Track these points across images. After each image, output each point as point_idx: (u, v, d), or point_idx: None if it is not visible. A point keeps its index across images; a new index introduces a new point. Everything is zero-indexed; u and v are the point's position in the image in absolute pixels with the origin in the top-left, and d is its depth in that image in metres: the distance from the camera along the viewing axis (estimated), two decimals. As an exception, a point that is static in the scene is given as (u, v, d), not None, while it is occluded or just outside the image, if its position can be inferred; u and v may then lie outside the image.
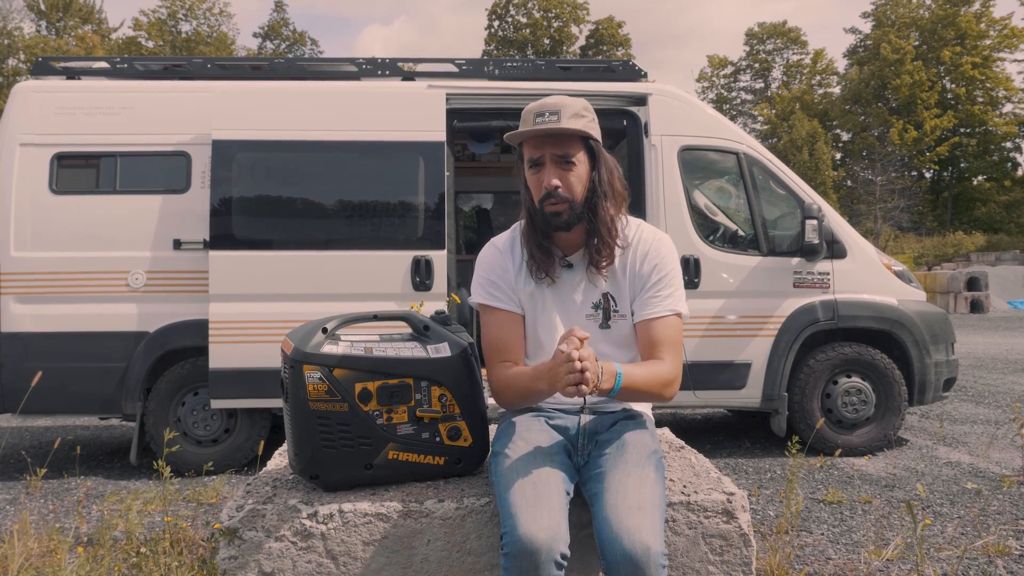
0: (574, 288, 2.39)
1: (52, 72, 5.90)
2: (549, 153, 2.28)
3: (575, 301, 2.38)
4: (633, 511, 1.89)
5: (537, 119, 2.25)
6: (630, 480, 2.01)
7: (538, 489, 1.96)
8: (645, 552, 1.81)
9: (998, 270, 30.43)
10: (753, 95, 65.21)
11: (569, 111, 2.25)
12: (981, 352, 13.47)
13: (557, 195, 2.27)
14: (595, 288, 2.38)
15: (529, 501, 1.92)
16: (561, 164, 2.28)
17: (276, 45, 61.03)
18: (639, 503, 1.92)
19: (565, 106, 2.26)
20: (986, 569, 3.58)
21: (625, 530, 1.83)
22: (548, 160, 2.28)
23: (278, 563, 2.21)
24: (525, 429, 2.25)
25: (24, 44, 45.65)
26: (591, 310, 2.38)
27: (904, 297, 6.10)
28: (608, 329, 2.37)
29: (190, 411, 5.72)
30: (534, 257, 2.37)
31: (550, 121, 2.23)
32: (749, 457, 6.01)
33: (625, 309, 2.37)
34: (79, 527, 4.07)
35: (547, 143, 2.28)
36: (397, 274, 5.58)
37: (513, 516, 1.90)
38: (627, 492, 1.95)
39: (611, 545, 1.84)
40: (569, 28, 61.99)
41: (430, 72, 6.13)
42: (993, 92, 52.08)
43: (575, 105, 2.28)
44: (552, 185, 2.27)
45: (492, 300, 2.40)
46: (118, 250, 5.55)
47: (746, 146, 6.08)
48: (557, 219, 2.29)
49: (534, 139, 2.29)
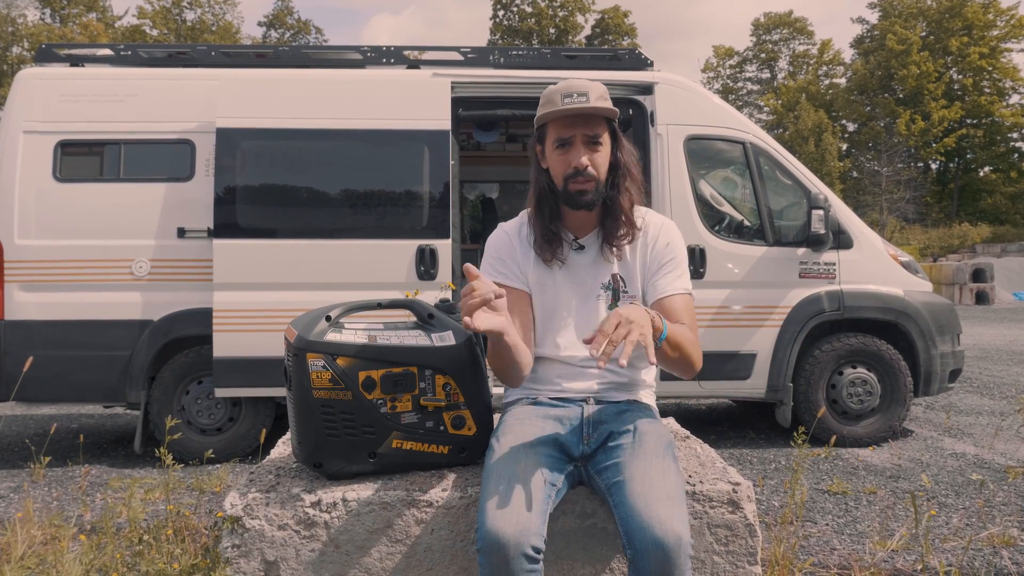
0: (585, 270, 2.40)
1: (56, 59, 5.88)
2: (580, 133, 2.30)
3: (585, 283, 2.39)
4: (663, 500, 1.89)
5: (565, 100, 2.27)
6: (653, 470, 2.00)
7: (512, 483, 1.96)
8: (677, 541, 1.82)
9: (1004, 261, 30.38)
10: (760, 85, 65.03)
11: (595, 93, 2.29)
12: (986, 343, 13.44)
13: (587, 174, 2.30)
14: (605, 270, 2.40)
15: (502, 495, 1.93)
16: (589, 144, 2.31)
17: (280, 34, 60.99)
18: (667, 492, 1.93)
19: (592, 88, 2.29)
20: (991, 560, 3.57)
21: (657, 519, 1.83)
22: (578, 140, 2.30)
23: (281, 551, 2.20)
24: (517, 422, 2.24)
25: (28, 32, 45.67)
26: (601, 290, 2.39)
27: (910, 288, 6.07)
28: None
29: (194, 400, 5.71)
30: (543, 238, 2.38)
31: (579, 102, 2.26)
32: (754, 447, 6.00)
33: (635, 290, 2.38)
34: (82, 515, 4.08)
35: (577, 123, 2.30)
36: (402, 263, 5.57)
37: (484, 511, 1.91)
38: (653, 481, 1.95)
39: (641, 533, 1.83)
40: (574, 17, 61.84)
41: (435, 60, 6.10)
42: (1000, 83, 51.92)
43: (599, 88, 2.32)
44: (583, 164, 2.29)
45: (499, 277, 2.41)
46: (122, 238, 5.54)
47: (752, 135, 6.05)
48: (582, 197, 2.31)
49: (563, 119, 2.31)
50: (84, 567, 3.04)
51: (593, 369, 2.34)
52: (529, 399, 2.39)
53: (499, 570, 1.85)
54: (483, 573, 1.88)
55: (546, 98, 2.32)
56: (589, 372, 2.35)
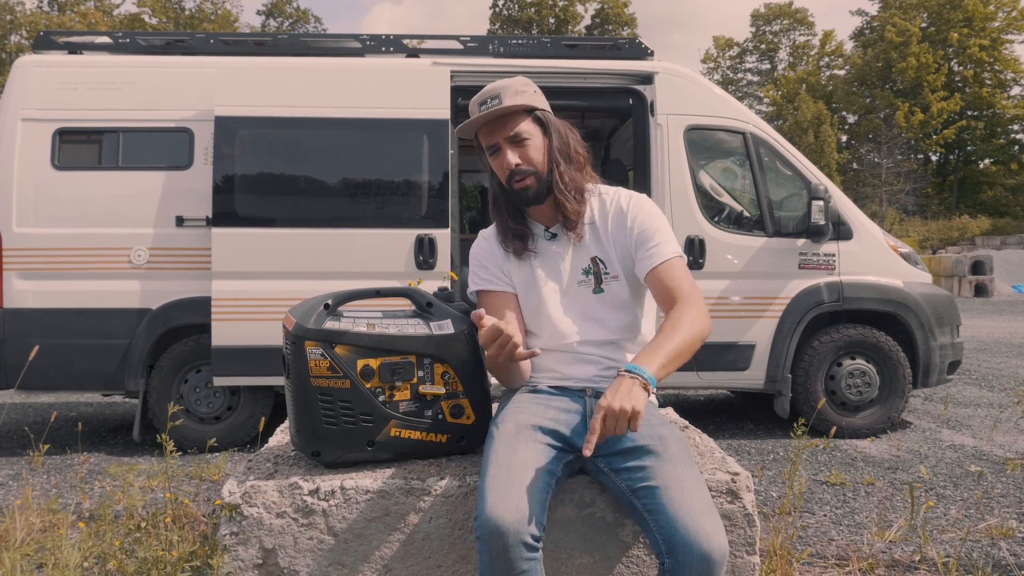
0: (562, 257, 2.41)
1: (54, 47, 5.86)
2: (501, 137, 2.33)
3: (565, 270, 2.40)
4: (707, 514, 1.90)
5: (481, 108, 2.30)
6: (688, 479, 1.99)
7: (512, 471, 1.96)
8: (723, 556, 1.84)
9: (1003, 254, 30.40)
10: (759, 76, 64.92)
11: (509, 91, 2.30)
12: (985, 336, 13.45)
13: (520, 171, 2.32)
14: (583, 254, 2.40)
15: (501, 483, 1.92)
16: (515, 143, 2.33)
17: (279, 22, 60.83)
18: (708, 506, 1.93)
19: (504, 87, 2.31)
20: (989, 551, 3.57)
21: (705, 534, 1.85)
22: (503, 143, 2.33)
23: (279, 539, 2.20)
24: (516, 410, 2.22)
25: (26, 20, 45.51)
26: (582, 276, 2.39)
27: (910, 279, 6.06)
28: (602, 293, 2.37)
29: (193, 388, 5.71)
30: (506, 235, 2.42)
31: (492, 106, 2.28)
32: (752, 438, 6.01)
33: (615, 270, 2.38)
34: (81, 502, 4.08)
35: (496, 128, 2.33)
36: (400, 252, 5.56)
37: (483, 499, 1.90)
38: (693, 493, 1.95)
39: (687, 547, 1.84)
40: (574, 7, 61.65)
41: (435, 49, 6.08)
42: (1001, 74, 51.82)
43: (514, 84, 2.33)
44: (512, 164, 2.31)
45: (484, 284, 2.45)
46: (121, 227, 5.53)
47: (753, 126, 6.03)
48: (527, 193, 2.34)
49: (485, 127, 2.34)
50: (82, 554, 3.04)
51: (590, 354, 2.34)
52: (528, 387, 2.39)
53: (498, 558, 1.84)
54: (482, 561, 1.88)
55: (469, 109, 2.36)
56: (585, 356, 2.34)
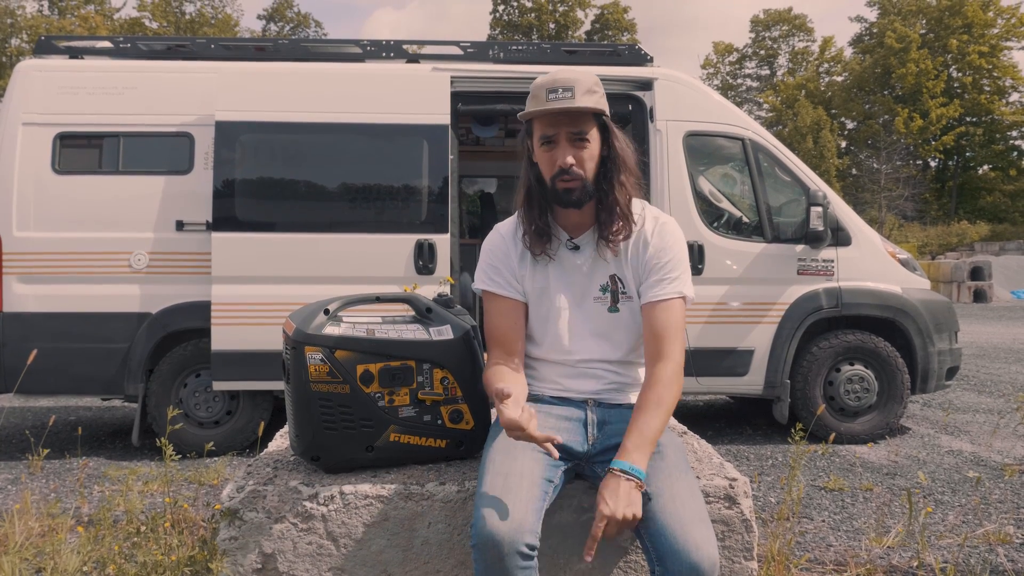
0: (580, 271, 2.33)
1: (55, 51, 5.87)
2: (564, 131, 2.22)
3: (582, 284, 2.33)
4: (697, 523, 1.90)
5: (550, 95, 2.19)
6: (681, 487, 2.00)
7: (509, 480, 1.96)
8: (712, 566, 1.85)
9: (1002, 260, 30.37)
10: (759, 82, 64.99)
11: (582, 87, 2.20)
12: (984, 341, 13.45)
13: (572, 172, 2.22)
14: (602, 270, 2.33)
15: (497, 492, 1.92)
16: (575, 142, 2.23)
17: (280, 27, 60.90)
18: (699, 514, 1.94)
19: (578, 82, 2.20)
20: (987, 557, 3.58)
21: (694, 544, 1.86)
22: (562, 138, 2.23)
23: (279, 544, 2.21)
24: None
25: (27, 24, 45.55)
26: (599, 292, 2.32)
27: (908, 285, 6.07)
28: (617, 312, 2.31)
29: (192, 393, 5.72)
30: (532, 233, 2.32)
31: (563, 98, 2.17)
32: (750, 444, 6.01)
33: (632, 291, 2.31)
34: (80, 507, 4.08)
35: (561, 120, 2.22)
36: (400, 257, 5.57)
37: (479, 508, 1.91)
38: (684, 501, 1.96)
39: (675, 556, 1.86)
40: (574, 12, 61.75)
41: (435, 55, 6.09)
42: (1000, 81, 51.88)
43: (587, 80, 2.23)
44: (567, 163, 2.21)
45: (493, 286, 2.36)
46: (121, 231, 5.53)
47: (752, 132, 6.04)
48: (569, 196, 2.24)
49: (546, 116, 2.23)
50: (82, 558, 3.04)
51: (593, 368, 2.32)
52: (529, 396, 2.36)
53: (493, 567, 1.85)
54: (477, 569, 1.88)
55: (532, 91, 2.25)
56: (589, 372, 2.31)
